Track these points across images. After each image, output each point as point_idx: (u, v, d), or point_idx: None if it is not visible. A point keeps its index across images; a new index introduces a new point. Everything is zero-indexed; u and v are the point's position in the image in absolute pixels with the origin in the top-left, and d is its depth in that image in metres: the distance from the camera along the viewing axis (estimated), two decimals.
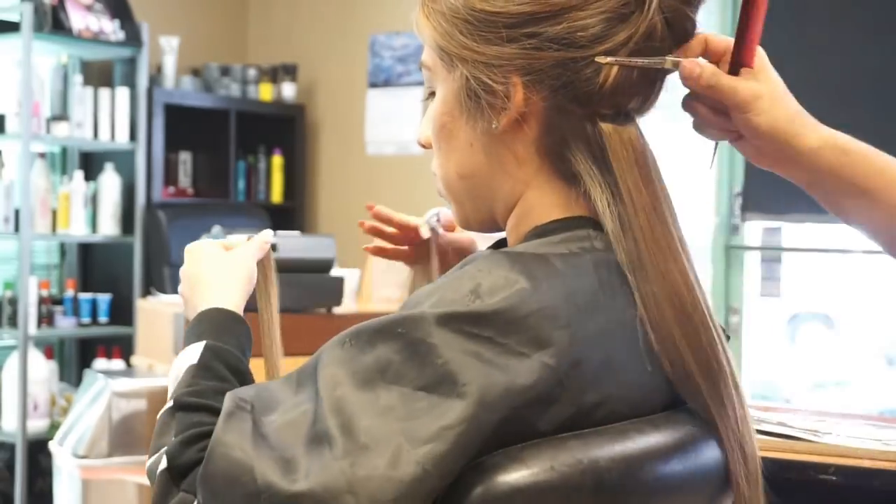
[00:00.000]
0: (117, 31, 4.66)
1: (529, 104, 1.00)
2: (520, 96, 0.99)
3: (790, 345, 5.83)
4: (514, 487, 0.88)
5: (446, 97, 1.04)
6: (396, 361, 0.89)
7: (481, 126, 1.02)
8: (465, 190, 1.06)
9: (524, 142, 1.02)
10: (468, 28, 1.00)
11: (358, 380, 0.90)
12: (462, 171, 1.05)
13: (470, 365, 0.88)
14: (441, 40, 1.02)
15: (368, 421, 0.87)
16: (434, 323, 0.89)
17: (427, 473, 0.86)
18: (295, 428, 0.91)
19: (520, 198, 1.04)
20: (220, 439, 0.92)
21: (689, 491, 0.99)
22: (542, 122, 1.01)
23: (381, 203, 1.33)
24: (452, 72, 1.02)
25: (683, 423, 0.99)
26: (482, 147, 1.03)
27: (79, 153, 4.92)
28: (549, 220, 1.02)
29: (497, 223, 1.08)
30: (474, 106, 1.01)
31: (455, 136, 1.04)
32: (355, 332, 0.93)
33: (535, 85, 0.99)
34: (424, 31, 1.05)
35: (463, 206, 1.08)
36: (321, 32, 5.42)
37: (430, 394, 0.88)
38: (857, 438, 1.60)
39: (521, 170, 1.03)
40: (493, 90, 0.99)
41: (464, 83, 1.01)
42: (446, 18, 1.02)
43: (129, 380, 3.05)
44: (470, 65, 1.00)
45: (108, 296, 4.75)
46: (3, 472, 4.44)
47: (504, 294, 0.91)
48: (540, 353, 0.90)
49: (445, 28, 1.02)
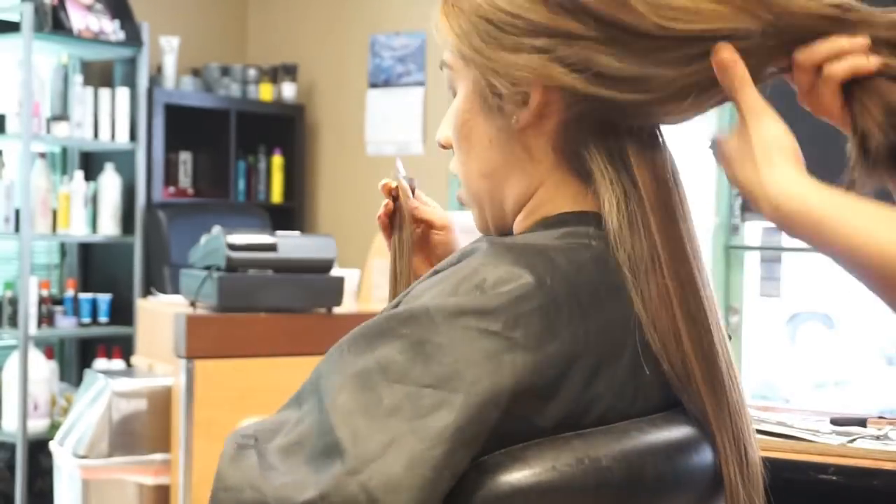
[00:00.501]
0: (117, 31, 4.66)
1: (549, 105, 1.00)
2: (539, 97, 0.99)
3: (790, 345, 5.84)
4: (515, 487, 0.88)
5: (467, 94, 1.04)
6: (400, 360, 0.89)
7: (500, 122, 1.02)
8: (486, 190, 1.06)
9: (541, 138, 1.02)
10: (488, 31, 0.99)
11: (359, 383, 0.89)
12: (483, 168, 1.05)
13: (475, 361, 0.88)
14: (462, 42, 1.01)
15: (374, 424, 0.86)
16: (439, 319, 0.89)
17: (442, 476, 0.85)
18: (300, 444, 0.89)
19: (532, 195, 1.04)
20: (227, 484, 0.90)
21: (686, 490, 0.99)
22: (562, 119, 1.00)
23: (381, 203, 1.31)
24: (472, 70, 1.02)
25: (681, 423, 0.99)
26: (500, 144, 1.03)
27: (79, 153, 4.92)
28: (557, 213, 1.02)
29: (508, 224, 1.07)
30: (494, 103, 1.01)
31: (475, 133, 1.04)
32: (353, 338, 0.93)
33: (556, 90, 0.99)
34: (443, 31, 1.04)
35: (483, 208, 1.08)
36: (321, 32, 5.42)
37: (437, 390, 0.87)
38: (856, 438, 1.60)
39: (536, 167, 1.03)
40: (513, 90, 0.99)
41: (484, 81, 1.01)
42: (467, 19, 1.01)
43: (129, 380, 3.05)
44: (489, 69, 1.00)
45: (108, 296, 4.75)
46: (4, 472, 4.44)
47: (509, 287, 0.91)
48: (544, 347, 0.90)
49: (466, 29, 1.01)
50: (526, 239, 0.99)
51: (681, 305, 0.98)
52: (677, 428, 0.99)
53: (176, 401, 2.94)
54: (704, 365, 0.98)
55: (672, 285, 0.98)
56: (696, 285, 0.99)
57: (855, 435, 1.62)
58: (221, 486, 0.91)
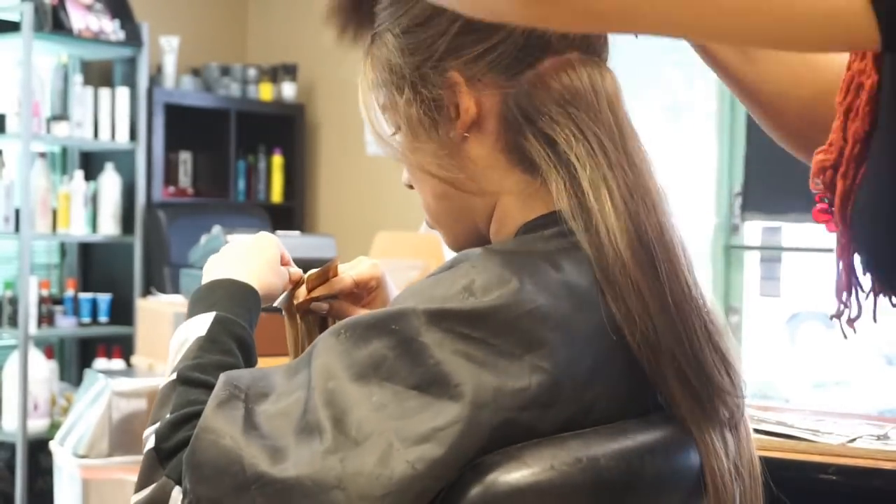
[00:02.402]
0: (117, 31, 4.66)
1: (480, 104, 1.01)
2: (465, 92, 1.01)
3: (790, 344, 5.83)
4: (514, 487, 0.88)
5: (406, 127, 1.05)
6: (390, 358, 0.90)
7: (443, 138, 1.03)
8: (446, 212, 1.07)
9: (486, 142, 1.02)
10: (400, 50, 1.04)
11: (352, 373, 0.90)
12: (437, 191, 1.06)
13: (462, 366, 0.88)
14: (384, 72, 1.06)
15: (360, 416, 0.88)
16: (425, 320, 0.90)
17: (417, 473, 0.86)
18: (286, 416, 0.91)
19: (496, 203, 1.04)
20: (210, 426, 0.92)
21: (684, 487, 0.99)
22: (496, 117, 1.01)
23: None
24: (402, 97, 1.04)
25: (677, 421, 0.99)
26: (451, 160, 1.03)
27: (79, 153, 4.92)
28: (535, 217, 1.02)
29: (485, 239, 1.07)
30: (431, 120, 1.03)
31: (424, 158, 1.05)
32: (350, 324, 0.93)
33: (475, 82, 1.00)
34: (369, 77, 1.08)
35: (449, 229, 1.09)
36: (321, 32, 5.40)
37: (423, 393, 0.88)
38: (856, 438, 1.60)
39: (490, 176, 1.03)
40: (444, 95, 1.01)
41: (416, 103, 1.03)
42: (382, 54, 1.06)
43: (129, 380, 3.05)
44: (416, 79, 1.03)
45: (108, 296, 4.75)
46: (4, 472, 4.44)
47: (497, 293, 0.91)
48: (531, 354, 0.90)
49: (383, 61, 1.06)
50: (517, 245, 0.99)
51: (651, 289, 0.96)
52: (674, 426, 0.99)
53: None
54: (681, 372, 0.96)
55: (634, 271, 0.95)
56: (682, 281, 0.98)
57: (855, 435, 1.62)
58: (203, 426, 0.92)
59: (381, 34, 1.06)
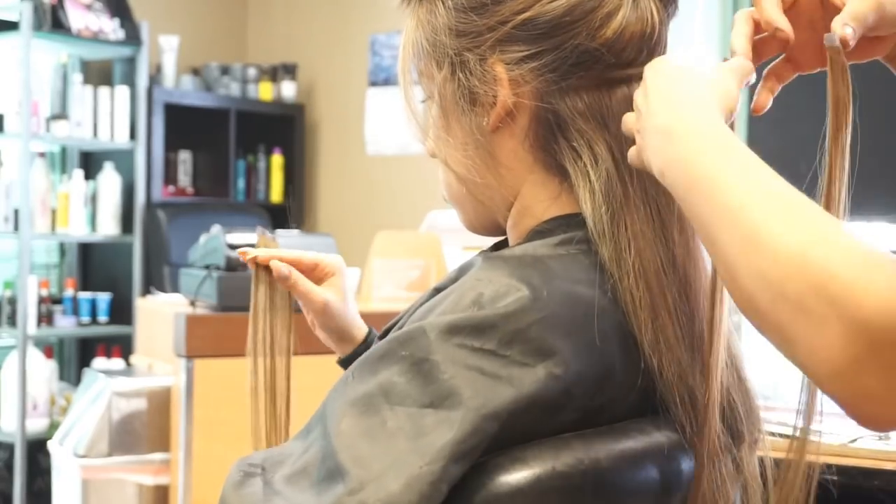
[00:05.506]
0: (117, 30, 4.66)
1: (517, 94, 1.00)
2: (505, 86, 1.00)
3: None
4: (515, 487, 0.87)
5: (440, 100, 1.04)
6: (401, 383, 0.88)
7: (474, 124, 1.02)
8: (466, 193, 1.06)
9: (515, 137, 1.02)
10: (448, 28, 1.03)
11: (360, 407, 0.89)
12: (461, 172, 1.05)
13: (473, 379, 0.87)
14: (427, 42, 1.05)
15: (377, 447, 0.86)
16: (435, 337, 0.89)
17: (439, 489, 0.85)
18: (305, 472, 0.89)
19: (517, 196, 1.04)
20: None
21: (680, 490, 0.99)
22: (529, 115, 1.01)
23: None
24: (441, 72, 1.03)
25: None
26: (476, 147, 1.03)
27: (78, 152, 4.92)
28: (547, 219, 1.02)
29: (500, 226, 1.07)
30: (466, 104, 1.02)
31: (451, 137, 1.04)
32: (358, 365, 0.93)
33: (517, 81, 1.00)
34: (411, 36, 1.07)
35: (466, 210, 1.08)
36: (321, 32, 5.42)
37: (437, 409, 0.86)
38: (857, 438, 1.60)
39: (515, 167, 1.02)
40: (481, 84, 1.00)
41: (454, 82, 1.02)
42: (430, 22, 1.05)
43: (129, 379, 3.04)
44: (456, 62, 1.02)
45: (107, 295, 4.75)
46: (3, 472, 4.44)
47: (506, 302, 0.90)
48: (544, 363, 0.89)
49: (429, 31, 1.05)
50: (524, 250, 0.99)
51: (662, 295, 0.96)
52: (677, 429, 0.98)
53: (176, 400, 2.93)
54: (683, 382, 0.96)
55: (652, 279, 0.95)
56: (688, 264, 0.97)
57: (855, 435, 1.62)
58: None
59: (435, 0, 1.05)
